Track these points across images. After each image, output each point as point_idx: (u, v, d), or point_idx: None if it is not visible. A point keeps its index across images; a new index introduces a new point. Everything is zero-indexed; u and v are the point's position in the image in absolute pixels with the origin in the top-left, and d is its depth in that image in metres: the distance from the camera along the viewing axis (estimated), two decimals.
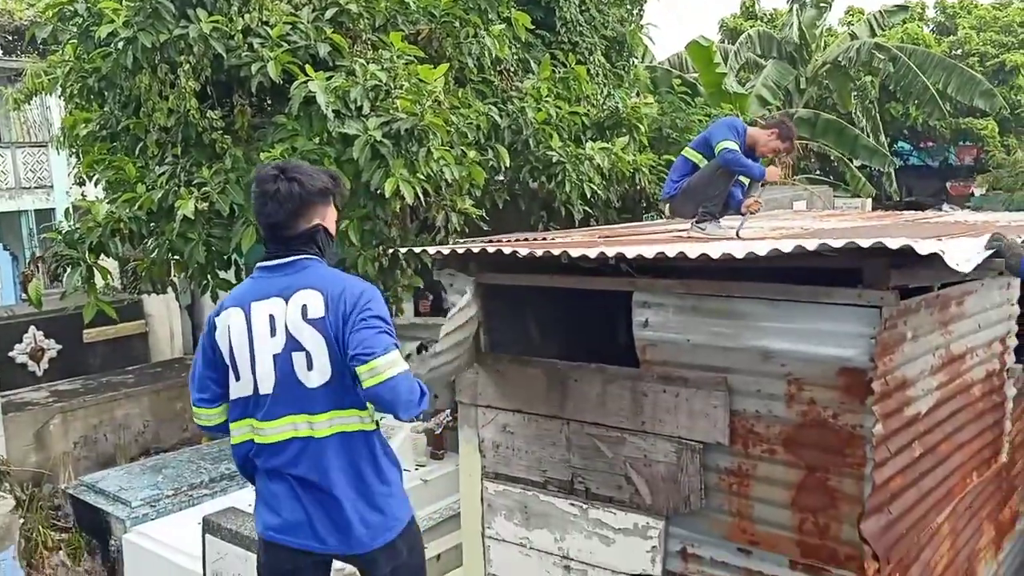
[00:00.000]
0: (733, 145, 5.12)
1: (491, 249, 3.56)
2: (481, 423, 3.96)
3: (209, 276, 6.70)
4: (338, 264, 6.64)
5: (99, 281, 6.58)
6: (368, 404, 2.51)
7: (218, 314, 2.63)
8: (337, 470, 2.55)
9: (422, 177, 5.91)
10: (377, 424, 2.65)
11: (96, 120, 7.00)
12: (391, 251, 6.47)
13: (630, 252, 3.17)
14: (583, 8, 9.70)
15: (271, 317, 2.52)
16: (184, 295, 9.13)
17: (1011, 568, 4.42)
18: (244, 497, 5.86)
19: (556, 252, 3.36)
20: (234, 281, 6.72)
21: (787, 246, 2.83)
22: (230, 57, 5.76)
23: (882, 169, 14.71)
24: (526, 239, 6.05)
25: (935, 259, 2.65)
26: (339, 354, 2.47)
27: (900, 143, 20.69)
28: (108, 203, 6.26)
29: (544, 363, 3.74)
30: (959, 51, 19.45)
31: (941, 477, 3.48)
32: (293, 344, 2.50)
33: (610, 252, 3.21)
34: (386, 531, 2.62)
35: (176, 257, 6.42)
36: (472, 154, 6.53)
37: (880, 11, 16.17)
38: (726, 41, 19.83)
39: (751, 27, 19.63)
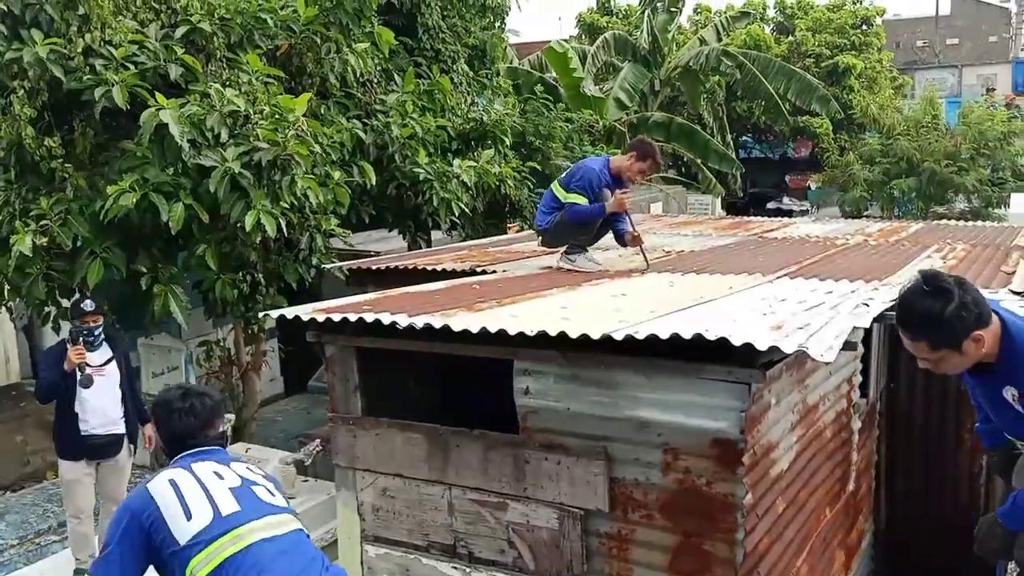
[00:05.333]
0: (578, 199, 5.37)
1: (369, 319, 3.48)
2: (360, 486, 3.89)
3: (50, 304, 6.20)
4: (195, 287, 6.35)
5: None
6: None
7: (146, 489, 2.59)
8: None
9: (285, 206, 5.71)
10: None
11: None
12: (251, 276, 6.26)
13: (512, 328, 3.18)
14: (445, 15, 9.61)
15: (216, 473, 2.65)
16: (20, 317, 8.44)
17: None
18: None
19: (437, 325, 3.32)
20: None
21: (664, 332, 2.91)
22: (70, 80, 5.32)
23: (730, 172, 15.51)
24: (396, 267, 6.01)
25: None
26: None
27: (744, 137, 21.83)
28: None
29: (425, 427, 3.70)
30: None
31: (801, 523, 3.72)
32: (249, 482, 2.67)
33: (493, 328, 3.20)
34: None
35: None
36: (337, 175, 6.36)
37: (726, 17, 16.95)
38: (584, 36, 20.21)
39: (607, 23, 20.12)
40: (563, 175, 5.69)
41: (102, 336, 5.39)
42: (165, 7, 5.97)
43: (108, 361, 5.38)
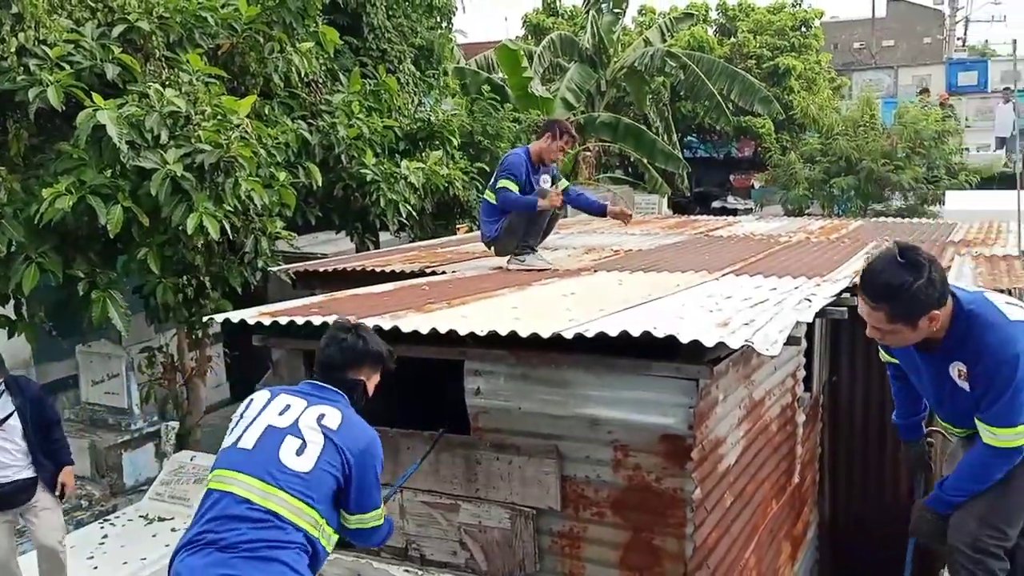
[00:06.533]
0: (507, 184, 5.52)
1: (316, 321, 3.44)
2: None
3: None
4: (135, 291, 6.20)
5: None
6: (320, 518, 2.65)
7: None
8: (254, 551, 2.52)
9: (229, 208, 5.60)
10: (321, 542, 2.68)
11: None
12: (196, 280, 6.13)
13: (462, 328, 3.17)
14: (391, 15, 9.55)
15: (287, 405, 2.76)
16: None
17: (804, 574, 4.90)
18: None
19: (387, 326, 3.30)
20: (14, 316, 6.05)
21: (613, 330, 2.94)
22: (2, 80, 5.16)
23: (677, 171, 15.72)
24: (344, 269, 5.95)
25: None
26: (330, 462, 2.65)
27: (689, 137, 22.08)
28: None
29: (375, 430, 3.66)
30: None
31: (748, 516, 3.78)
32: (294, 431, 2.68)
33: (443, 328, 3.19)
34: None
35: None
36: (282, 176, 6.27)
37: (670, 18, 17.19)
38: (530, 37, 20.26)
39: (553, 23, 20.20)
40: (491, 182, 5.79)
41: (2, 389, 4.83)
42: (102, 5, 5.83)
43: (7, 416, 4.77)
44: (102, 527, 6.22)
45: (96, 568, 5.57)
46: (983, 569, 2.85)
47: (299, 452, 2.63)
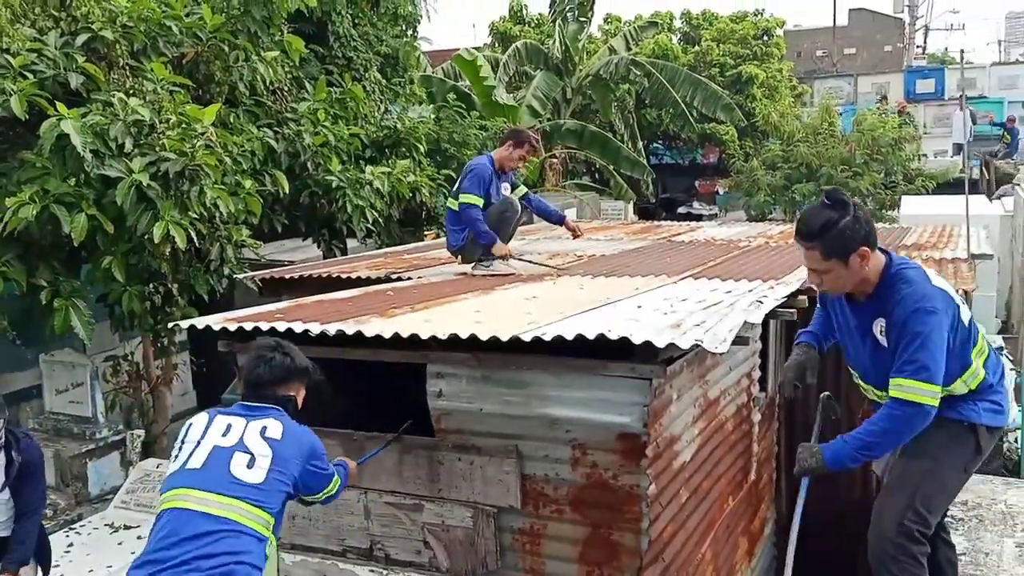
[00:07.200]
0: (472, 199, 5.60)
1: (280, 327, 3.50)
2: None
3: None
4: (100, 299, 6.20)
5: None
6: (272, 519, 2.78)
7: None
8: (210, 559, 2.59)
9: (195, 216, 5.64)
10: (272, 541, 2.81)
11: None
12: (163, 288, 6.14)
13: (424, 332, 3.26)
14: (356, 23, 9.63)
15: (228, 425, 2.86)
16: None
17: (762, 570, 5.03)
18: None
19: (350, 331, 3.38)
20: None
21: (570, 332, 3.04)
22: None
23: (642, 178, 15.96)
24: (310, 276, 6.01)
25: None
26: (280, 471, 2.79)
27: (655, 144, 22.39)
28: None
29: (340, 433, 3.74)
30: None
31: (704, 512, 3.90)
32: (241, 447, 2.78)
33: (405, 332, 3.27)
34: None
35: None
36: (248, 183, 6.31)
37: (634, 27, 17.48)
38: (497, 44, 20.42)
39: (520, 31, 20.38)
40: (455, 189, 5.89)
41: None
42: (65, 15, 5.84)
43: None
44: (67, 536, 6.19)
45: None
46: (903, 552, 3.01)
47: (249, 465, 2.76)
